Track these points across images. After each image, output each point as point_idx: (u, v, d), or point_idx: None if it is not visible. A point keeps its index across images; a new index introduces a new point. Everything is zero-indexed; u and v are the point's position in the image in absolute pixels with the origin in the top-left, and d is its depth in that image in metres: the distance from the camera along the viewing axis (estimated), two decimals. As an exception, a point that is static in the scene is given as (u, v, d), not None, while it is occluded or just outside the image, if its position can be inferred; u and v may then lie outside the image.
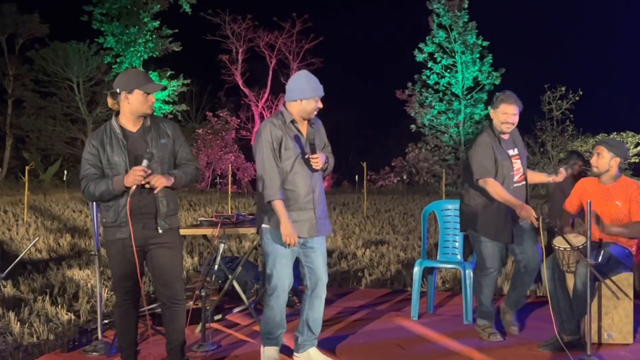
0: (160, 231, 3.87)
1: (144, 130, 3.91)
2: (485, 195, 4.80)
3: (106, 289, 6.30)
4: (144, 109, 3.86)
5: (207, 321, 4.84)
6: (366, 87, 40.32)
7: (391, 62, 39.90)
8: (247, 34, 28.31)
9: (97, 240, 4.79)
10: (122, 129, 3.88)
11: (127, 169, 3.79)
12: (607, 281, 4.55)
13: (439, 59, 26.76)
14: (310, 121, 4.30)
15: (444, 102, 26.81)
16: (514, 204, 4.68)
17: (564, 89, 25.94)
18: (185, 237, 5.03)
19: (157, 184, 3.76)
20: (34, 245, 8.94)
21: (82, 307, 5.87)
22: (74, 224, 12.61)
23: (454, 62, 26.80)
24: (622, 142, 4.97)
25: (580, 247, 4.40)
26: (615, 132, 24.00)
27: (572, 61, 47.19)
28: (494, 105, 4.88)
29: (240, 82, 28.78)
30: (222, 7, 28.15)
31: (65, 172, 21.78)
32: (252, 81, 29.42)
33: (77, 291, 6.51)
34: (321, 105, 4.25)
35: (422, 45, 26.85)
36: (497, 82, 26.40)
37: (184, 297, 4.04)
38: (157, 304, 5.18)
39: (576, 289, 4.53)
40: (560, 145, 25.14)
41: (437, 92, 26.85)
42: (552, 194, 7.17)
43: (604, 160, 4.74)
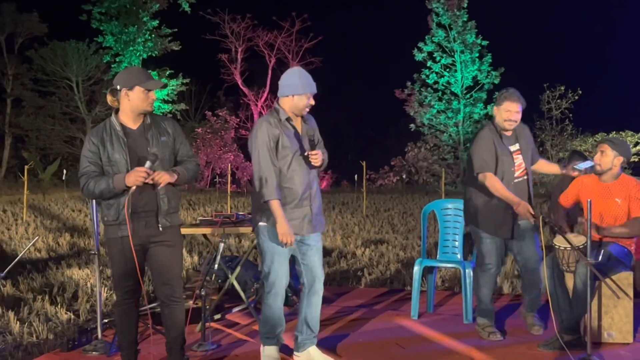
0: (161, 228, 3.87)
1: (144, 127, 3.89)
2: (485, 190, 4.81)
3: (106, 288, 6.29)
4: (144, 106, 3.85)
5: (207, 320, 4.83)
6: (365, 87, 40.32)
7: (390, 62, 39.88)
8: (246, 33, 28.32)
9: (97, 239, 4.78)
10: (123, 127, 3.86)
11: (127, 166, 3.78)
12: (607, 280, 4.55)
13: (438, 58, 26.79)
14: (303, 118, 4.30)
15: (443, 102, 26.83)
16: (512, 200, 4.70)
17: (563, 88, 26.01)
18: (184, 237, 5.01)
19: (161, 180, 3.76)
20: (34, 244, 8.92)
21: (82, 307, 5.87)
22: (73, 223, 12.60)
23: (453, 61, 26.82)
24: (625, 142, 4.97)
25: (580, 247, 4.40)
26: (614, 132, 24.03)
27: (571, 60, 47.22)
28: (497, 102, 4.88)
29: (239, 82, 28.78)
30: (221, 7, 28.21)
31: (64, 171, 21.76)
32: (251, 80, 29.48)
33: (76, 290, 6.50)
34: (313, 102, 4.24)
35: (421, 44, 26.88)
36: (496, 81, 26.43)
37: (182, 295, 4.04)
38: (157, 303, 5.18)
39: (576, 288, 4.53)
40: (559, 144, 25.18)
41: (436, 91, 26.88)
42: (552, 193, 7.17)
43: (608, 158, 4.74)
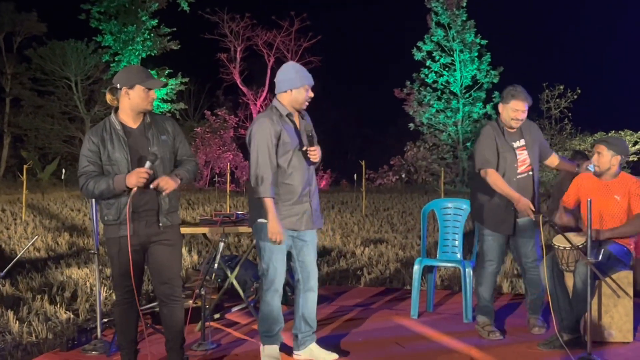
0: (161, 227, 3.86)
1: (144, 126, 3.89)
2: (487, 187, 4.83)
3: (105, 288, 6.29)
4: (145, 105, 3.84)
5: (206, 320, 4.83)
6: (364, 86, 40.27)
7: (390, 61, 39.81)
8: (245, 33, 28.28)
9: (97, 238, 4.78)
10: (123, 126, 3.85)
11: (128, 165, 3.77)
12: (607, 279, 4.55)
13: (438, 58, 26.77)
14: (301, 114, 4.30)
15: (443, 101, 26.81)
16: (512, 196, 4.72)
17: (562, 88, 25.99)
18: (184, 236, 5.01)
19: (167, 187, 3.77)
20: (33, 244, 8.92)
21: (81, 306, 5.86)
22: (72, 222, 12.59)
23: (453, 60, 26.81)
24: (621, 139, 4.96)
25: (580, 246, 4.40)
26: (613, 131, 24.02)
27: (571, 60, 47.17)
28: (504, 100, 4.87)
29: (238, 81, 28.75)
30: (220, 6, 28.16)
31: (63, 171, 21.72)
32: (250, 80, 29.44)
33: (76, 290, 6.50)
34: (312, 94, 4.24)
35: (420, 43, 26.85)
36: (495, 80, 26.42)
37: (182, 294, 4.03)
38: (156, 303, 5.17)
39: (576, 287, 4.52)
40: (558, 143, 25.15)
41: (435, 90, 26.86)
42: (552, 192, 7.17)
43: (605, 158, 4.73)
